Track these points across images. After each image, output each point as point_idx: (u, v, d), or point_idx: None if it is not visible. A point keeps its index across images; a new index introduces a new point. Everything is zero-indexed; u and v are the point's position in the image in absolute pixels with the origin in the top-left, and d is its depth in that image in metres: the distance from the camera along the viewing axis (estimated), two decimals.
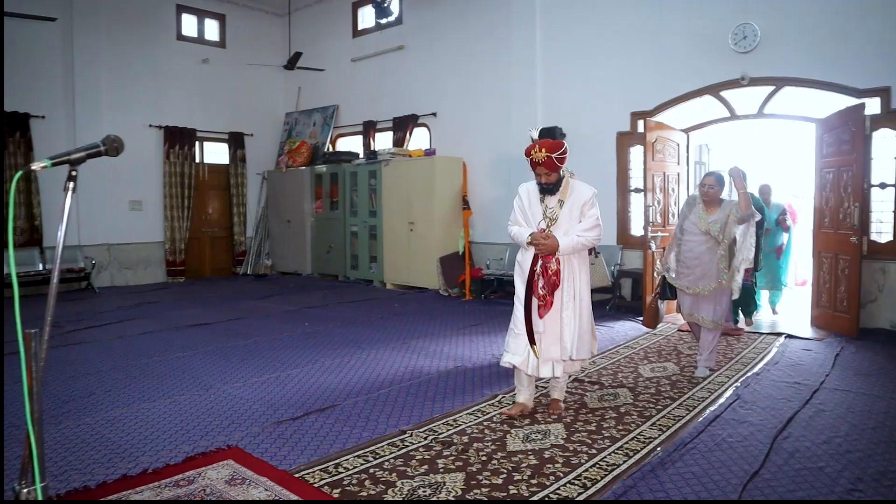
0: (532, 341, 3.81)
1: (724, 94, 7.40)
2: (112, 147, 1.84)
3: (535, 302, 3.83)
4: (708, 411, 4.05)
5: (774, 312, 7.40)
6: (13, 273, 1.74)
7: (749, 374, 4.93)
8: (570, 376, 4.35)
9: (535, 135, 3.75)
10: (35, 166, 1.70)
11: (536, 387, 4.23)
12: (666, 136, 7.43)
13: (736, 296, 4.96)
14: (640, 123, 7.79)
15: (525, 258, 3.91)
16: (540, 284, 3.80)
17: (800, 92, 6.96)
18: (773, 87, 7.03)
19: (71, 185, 1.73)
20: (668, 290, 5.13)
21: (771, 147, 10.16)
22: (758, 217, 4.99)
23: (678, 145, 7.71)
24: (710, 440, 3.53)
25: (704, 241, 4.82)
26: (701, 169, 8.79)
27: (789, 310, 7.58)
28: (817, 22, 6.70)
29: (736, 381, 4.73)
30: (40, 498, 1.61)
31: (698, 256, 4.85)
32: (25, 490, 1.61)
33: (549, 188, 3.87)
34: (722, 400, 4.28)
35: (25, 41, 9.44)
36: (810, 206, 7.15)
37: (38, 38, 9.56)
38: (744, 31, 7.06)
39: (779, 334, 6.34)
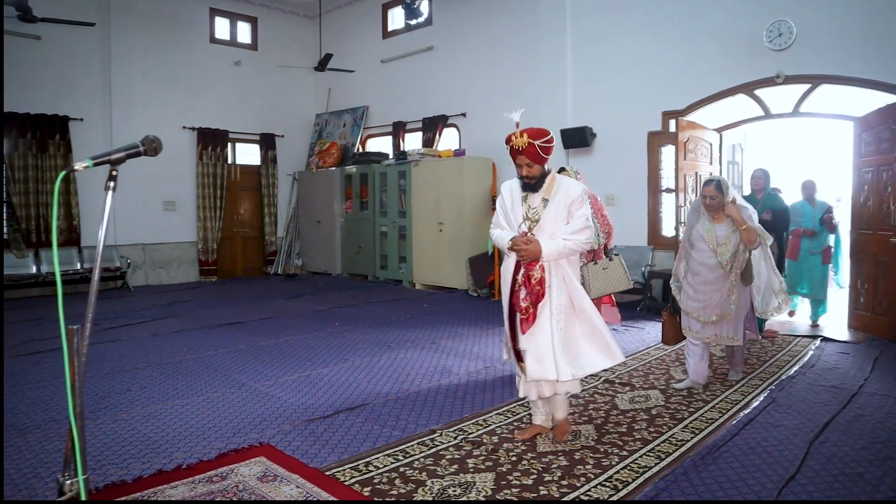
0: (519, 359, 3.43)
1: (758, 92, 7.27)
2: (151, 147, 1.87)
3: (518, 316, 3.42)
4: (742, 414, 3.99)
5: (815, 326, 6.72)
6: (57, 272, 1.79)
7: (784, 377, 4.83)
8: (567, 393, 3.60)
9: (517, 117, 3.55)
10: (77, 166, 1.73)
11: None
12: (698, 136, 7.33)
13: (766, 317, 4.82)
14: (672, 123, 7.69)
15: (507, 266, 3.48)
16: (522, 295, 3.37)
17: (837, 89, 6.81)
18: (809, 85, 6.89)
19: (112, 184, 1.77)
20: (676, 302, 4.82)
21: (807, 146, 9.96)
22: (770, 241, 4.76)
23: (711, 145, 7.60)
24: (744, 444, 3.48)
25: (715, 266, 4.39)
26: (734, 169, 8.66)
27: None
28: (854, 18, 6.55)
29: (770, 384, 4.65)
30: (83, 489, 1.64)
31: (709, 283, 4.43)
32: (69, 482, 1.65)
33: (531, 184, 3.40)
34: (756, 403, 4.21)
35: (65, 46, 9.69)
36: (849, 212, 6.78)
37: (77, 42, 9.80)
38: (779, 29, 6.92)
39: (814, 337, 6.21)
